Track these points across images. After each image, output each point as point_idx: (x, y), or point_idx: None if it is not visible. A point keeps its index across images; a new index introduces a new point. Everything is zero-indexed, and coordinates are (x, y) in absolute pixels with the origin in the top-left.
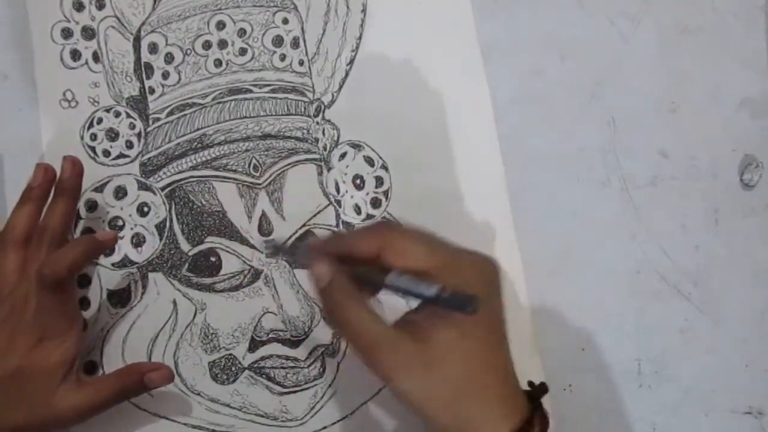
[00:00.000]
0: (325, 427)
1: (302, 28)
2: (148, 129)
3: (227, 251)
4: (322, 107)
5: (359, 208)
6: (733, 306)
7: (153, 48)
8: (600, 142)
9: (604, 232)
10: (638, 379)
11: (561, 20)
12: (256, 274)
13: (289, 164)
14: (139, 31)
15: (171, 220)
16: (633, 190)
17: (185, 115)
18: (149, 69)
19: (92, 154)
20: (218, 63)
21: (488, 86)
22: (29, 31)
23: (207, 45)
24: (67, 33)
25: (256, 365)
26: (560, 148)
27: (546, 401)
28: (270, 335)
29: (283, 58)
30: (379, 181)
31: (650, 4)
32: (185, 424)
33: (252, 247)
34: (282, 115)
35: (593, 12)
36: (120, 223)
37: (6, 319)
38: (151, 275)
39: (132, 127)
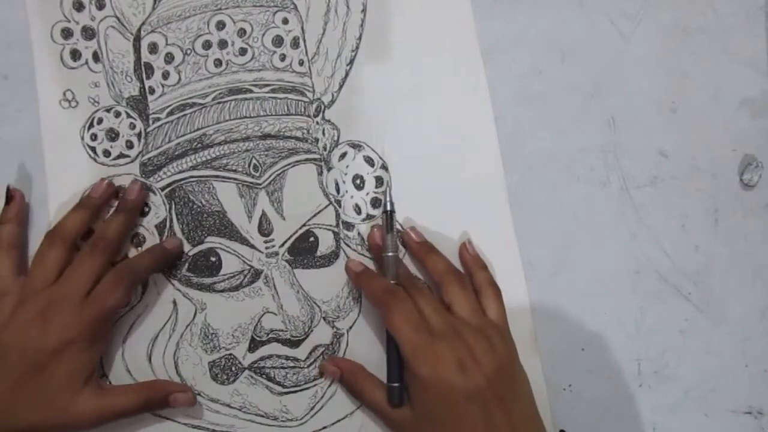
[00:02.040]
0: (324, 427)
1: (302, 28)
2: (149, 129)
3: (227, 251)
4: (322, 107)
5: (359, 208)
6: (733, 306)
7: (153, 48)
8: (600, 142)
9: (604, 232)
10: (638, 379)
11: (561, 20)
12: (256, 274)
13: (289, 164)
14: (139, 31)
15: (171, 220)
16: (633, 190)
17: (185, 115)
18: (149, 69)
19: (92, 154)
20: (218, 63)
21: (488, 86)
22: (29, 31)
23: (207, 45)
24: (67, 33)
25: (256, 365)
26: (560, 148)
27: (546, 401)
28: (270, 335)
29: (283, 58)
30: (379, 181)
31: (650, 4)
32: (185, 424)
33: (252, 247)
34: (282, 115)
35: (593, 12)
36: None
37: (43, 312)
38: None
39: (132, 127)
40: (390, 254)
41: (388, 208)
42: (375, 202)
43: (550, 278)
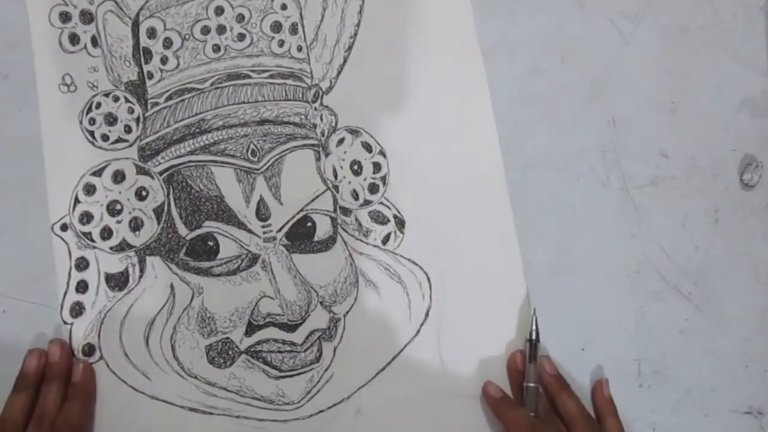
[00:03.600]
0: (321, 411)
1: (301, 14)
2: (147, 114)
3: (225, 236)
4: (320, 93)
5: (357, 194)
6: (733, 306)
7: (151, 33)
8: (600, 142)
9: (604, 232)
10: (638, 379)
11: (561, 20)
12: (254, 259)
13: (287, 149)
14: (137, 15)
15: (169, 205)
16: (633, 190)
17: (184, 100)
18: (148, 54)
19: (91, 139)
20: (217, 48)
21: (488, 86)
22: (27, 13)
23: (205, 30)
24: (65, 17)
25: (252, 349)
26: (560, 148)
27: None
28: (267, 319)
29: (281, 43)
30: (377, 166)
31: (650, 4)
32: (182, 407)
33: (249, 231)
34: (280, 100)
35: (593, 12)
36: (118, 207)
37: None
38: (148, 259)
39: (131, 111)
40: (532, 385)
41: (533, 336)
42: (372, 188)
43: (550, 278)
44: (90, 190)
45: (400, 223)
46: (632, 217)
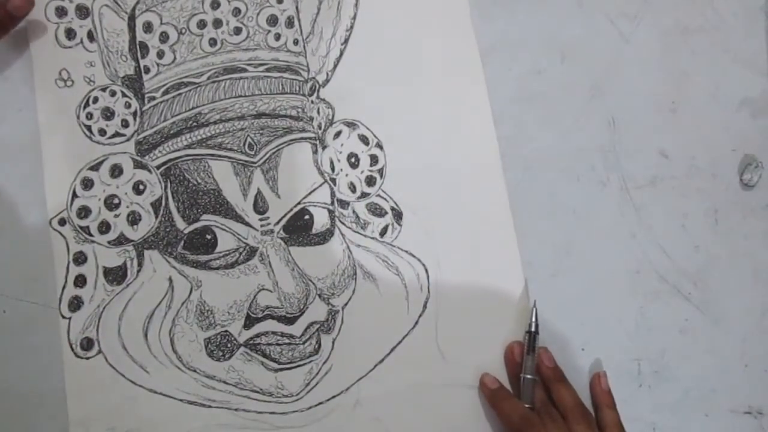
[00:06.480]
0: (320, 403)
1: (297, 8)
2: (144, 108)
3: (222, 229)
4: (317, 86)
5: (354, 186)
6: (733, 306)
7: (148, 27)
8: (600, 142)
9: (604, 232)
10: (638, 379)
11: (561, 20)
12: (252, 252)
13: (284, 143)
14: (133, 10)
15: (166, 198)
16: (633, 190)
17: (180, 94)
18: (144, 48)
19: (88, 133)
20: (213, 42)
21: (488, 86)
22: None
23: (202, 24)
24: (61, 11)
25: (251, 342)
26: (560, 148)
27: None
28: (265, 312)
29: (277, 37)
30: (374, 159)
31: (650, 4)
32: (181, 400)
33: (247, 224)
34: (277, 94)
35: (593, 12)
36: (116, 201)
37: None
38: (146, 253)
39: (127, 106)
40: (529, 377)
41: (533, 329)
42: (370, 181)
43: (550, 278)
44: (88, 184)
45: (398, 215)
46: (632, 217)
